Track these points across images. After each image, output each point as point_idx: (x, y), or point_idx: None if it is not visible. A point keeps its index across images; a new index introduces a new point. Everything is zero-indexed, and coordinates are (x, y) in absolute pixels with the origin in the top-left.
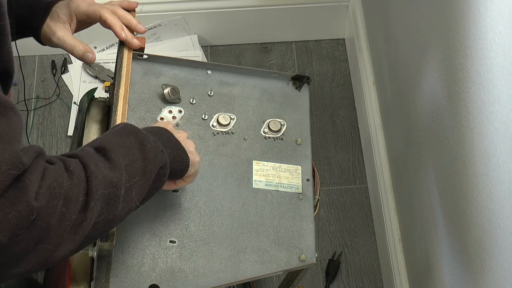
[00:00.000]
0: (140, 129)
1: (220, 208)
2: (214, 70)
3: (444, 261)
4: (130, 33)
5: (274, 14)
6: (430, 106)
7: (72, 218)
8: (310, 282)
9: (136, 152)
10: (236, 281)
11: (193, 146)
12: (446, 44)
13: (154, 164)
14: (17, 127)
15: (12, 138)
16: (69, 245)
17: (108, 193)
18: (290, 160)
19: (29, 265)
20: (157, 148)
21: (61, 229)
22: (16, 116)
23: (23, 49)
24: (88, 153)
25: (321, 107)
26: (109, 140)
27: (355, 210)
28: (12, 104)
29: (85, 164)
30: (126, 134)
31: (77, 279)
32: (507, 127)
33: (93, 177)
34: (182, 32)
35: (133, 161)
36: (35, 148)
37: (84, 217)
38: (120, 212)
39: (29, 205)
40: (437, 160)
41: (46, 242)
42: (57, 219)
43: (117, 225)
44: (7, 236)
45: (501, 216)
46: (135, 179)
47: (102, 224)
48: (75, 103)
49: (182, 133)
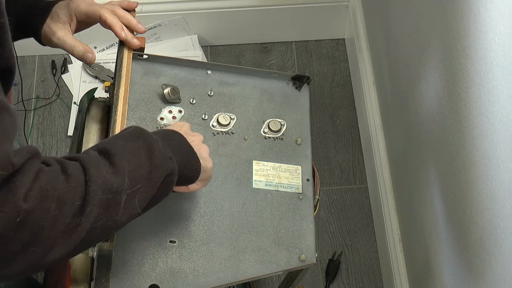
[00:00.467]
0: (150, 133)
1: (220, 208)
2: (214, 70)
3: (444, 261)
4: (130, 33)
5: (274, 14)
6: (430, 106)
7: (66, 222)
8: (310, 282)
9: (143, 157)
10: (236, 281)
11: (207, 151)
12: (446, 44)
13: (161, 172)
14: (9, 127)
15: (4, 138)
16: (61, 249)
17: (107, 199)
18: (290, 160)
19: (18, 267)
20: (166, 154)
21: (53, 232)
22: (9, 115)
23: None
24: (90, 157)
25: (321, 107)
26: (115, 143)
27: (355, 210)
28: (5, 103)
29: (85, 168)
30: (134, 139)
31: (77, 279)
32: (507, 127)
33: (92, 181)
34: (182, 32)
35: (138, 167)
36: (28, 149)
37: (79, 222)
38: (120, 218)
39: (16, 207)
40: (437, 160)
41: (36, 245)
42: (50, 222)
43: (117, 231)
44: None
45: (501, 216)
46: (138, 185)
47: (100, 229)
48: (75, 103)
49: (197, 136)
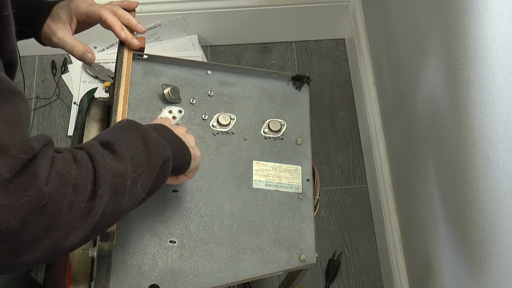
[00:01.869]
0: (142, 124)
1: (220, 208)
2: (214, 70)
3: (444, 261)
4: (130, 33)
5: (274, 14)
6: (430, 106)
7: (81, 206)
8: (310, 282)
9: (139, 145)
10: (236, 281)
11: (193, 140)
12: (446, 44)
13: (158, 158)
14: (26, 113)
15: (21, 124)
16: (78, 233)
17: (115, 183)
18: (290, 160)
19: (39, 252)
20: (160, 143)
21: (71, 216)
22: (24, 102)
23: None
24: (93, 145)
25: (321, 107)
26: (113, 134)
27: (355, 210)
28: (20, 91)
29: (91, 155)
30: (129, 129)
31: (77, 279)
32: (507, 127)
33: (100, 167)
34: (182, 32)
35: (137, 154)
36: (44, 136)
37: (93, 206)
38: (126, 203)
39: (40, 190)
40: (437, 160)
41: (56, 229)
42: (67, 206)
43: (123, 217)
44: (18, 221)
45: (501, 216)
46: (140, 170)
47: (109, 214)
48: (75, 103)
49: (181, 128)
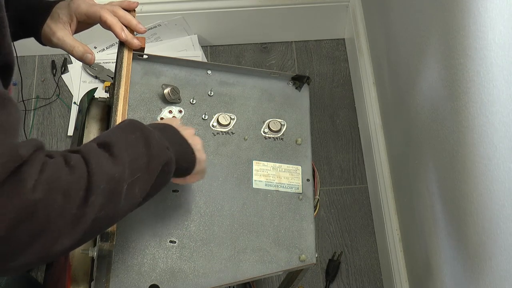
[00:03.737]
0: (145, 125)
1: (220, 208)
2: (214, 70)
3: (444, 261)
4: (130, 34)
5: (274, 14)
6: (430, 106)
7: (72, 212)
8: (310, 282)
9: (141, 148)
10: (236, 281)
11: (200, 143)
12: (446, 44)
13: (159, 161)
14: (16, 120)
15: (10, 130)
16: (69, 238)
17: (109, 188)
18: (290, 160)
19: (28, 258)
20: (162, 144)
21: (61, 222)
22: (14, 108)
23: (23, 49)
24: (90, 148)
25: (321, 107)
26: (113, 135)
27: (355, 210)
28: (10, 97)
29: (86, 159)
30: (132, 130)
31: (77, 279)
32: (507, 127)
33: (94, 172)
34: (182, 32)
35: (137, 157)
36: (34, 142)
37: (84, 212)
38: (122, 207)
39: (27, 198)
40: (437, 160)
41: (46, 235)
42: (57, 212)
43: (119, 220)
44: (5, 228)
45: (501, 216)
46: (137, 174)
47: (103, 219)
48: (75, 103)
49: (189, 129)
